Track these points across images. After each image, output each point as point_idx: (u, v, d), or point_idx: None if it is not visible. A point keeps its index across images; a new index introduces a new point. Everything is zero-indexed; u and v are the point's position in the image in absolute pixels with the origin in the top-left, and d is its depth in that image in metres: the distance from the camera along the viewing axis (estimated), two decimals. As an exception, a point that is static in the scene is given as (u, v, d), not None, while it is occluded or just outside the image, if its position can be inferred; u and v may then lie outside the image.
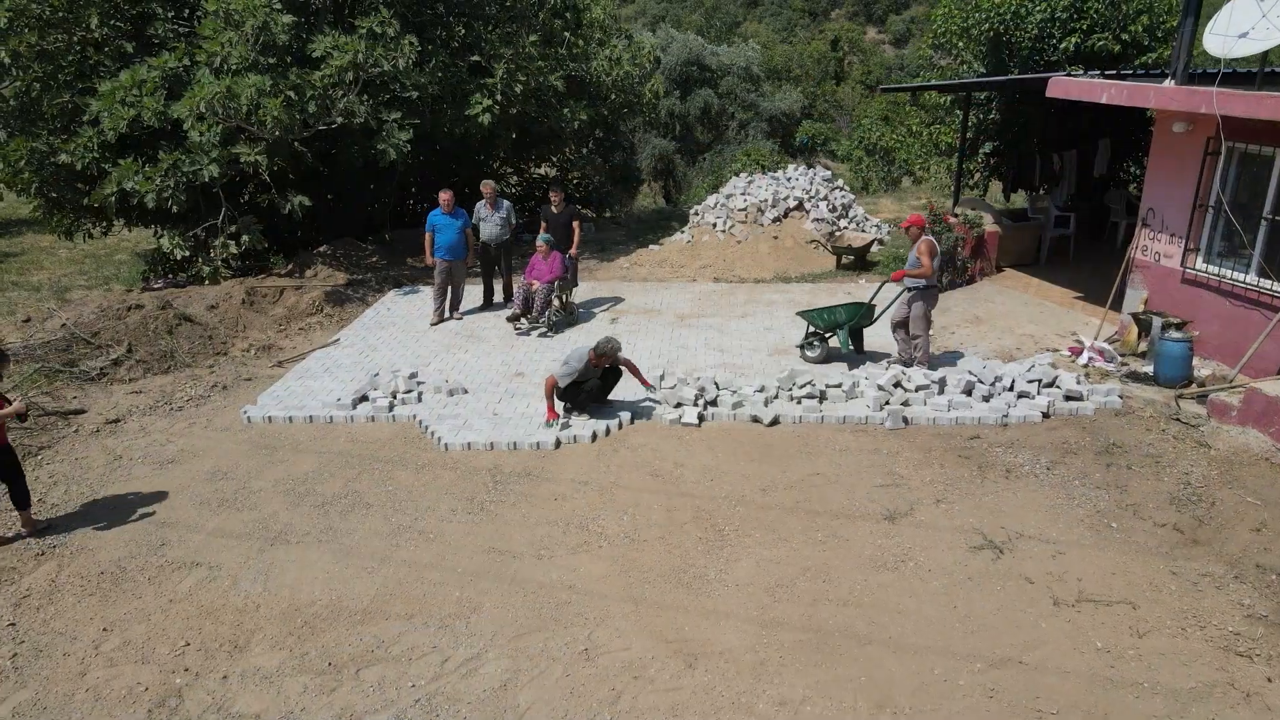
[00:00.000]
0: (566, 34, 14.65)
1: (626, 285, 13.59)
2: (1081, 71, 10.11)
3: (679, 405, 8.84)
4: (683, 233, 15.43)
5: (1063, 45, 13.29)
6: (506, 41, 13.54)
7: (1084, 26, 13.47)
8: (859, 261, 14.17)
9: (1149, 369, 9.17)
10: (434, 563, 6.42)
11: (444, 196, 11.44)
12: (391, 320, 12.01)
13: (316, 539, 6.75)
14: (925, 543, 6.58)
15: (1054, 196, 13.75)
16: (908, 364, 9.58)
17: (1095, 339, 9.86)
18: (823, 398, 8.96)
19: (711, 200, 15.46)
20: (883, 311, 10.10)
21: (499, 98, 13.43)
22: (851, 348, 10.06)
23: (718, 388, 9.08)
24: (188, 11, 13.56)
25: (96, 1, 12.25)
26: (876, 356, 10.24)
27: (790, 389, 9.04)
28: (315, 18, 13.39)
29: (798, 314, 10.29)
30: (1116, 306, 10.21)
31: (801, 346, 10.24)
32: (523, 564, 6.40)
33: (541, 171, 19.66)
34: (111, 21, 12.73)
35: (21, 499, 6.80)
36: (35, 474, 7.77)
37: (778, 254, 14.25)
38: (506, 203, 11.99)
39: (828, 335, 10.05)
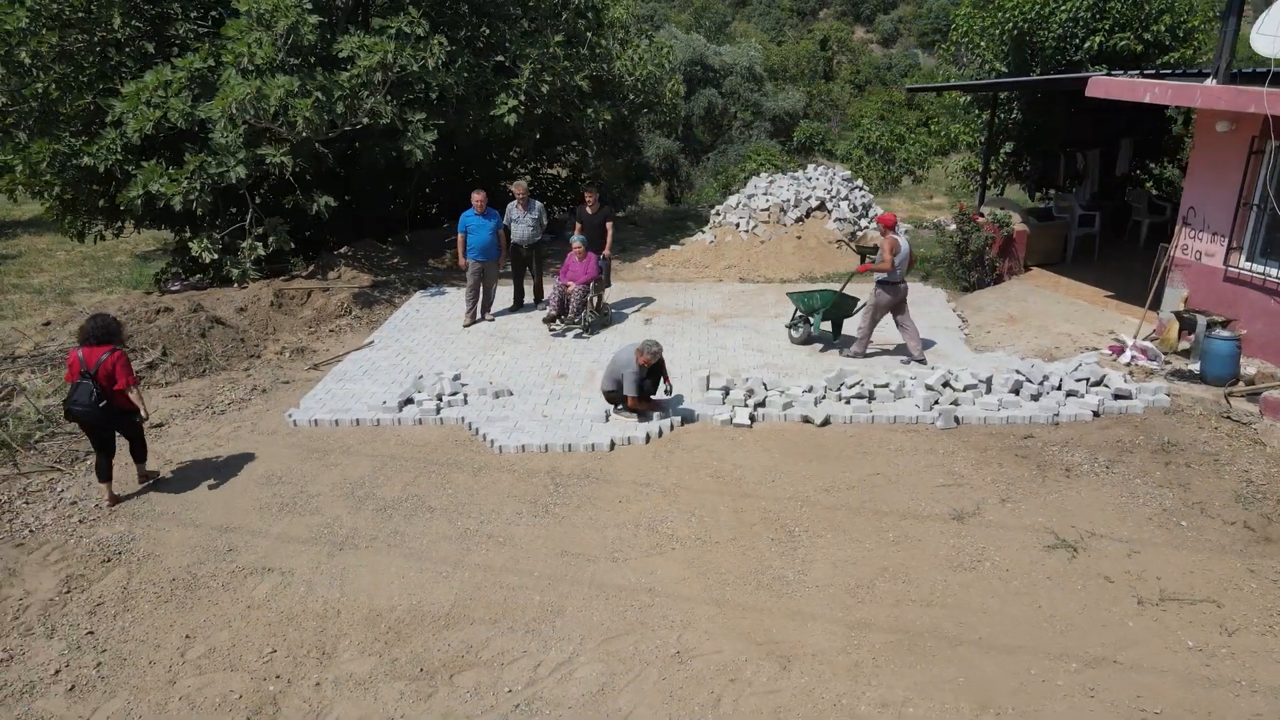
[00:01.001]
0: (589, 34, 14.60)
1: (654, 285, 13.56)
2: (1122, 72, 10.14)
3: (726, 403, 8.84)
4: (704, 233, 15.41)
5: (1086, 45, 13.34)
6: (531, 41, 13.47)
7: (1106, 26, 13.53)
8: (882, 261, 14.20)
9: (1193, 367, 9.21)
10: (509, 567, 6.38)
11: (477, 197, 11.37)
12: (422, 322, 11.94)
13: (385, 543, 6.69)
14: (998, 542, 6.58)
15: (1078, 195, 13.81)
16: (909, 359, 10.09)
17: (1135, 337, 9.90)
18: (871, 397, 8.96)
19: (733, 200, 15.44)
20: (862, 305, 10.54)
21: (522, 98, 13.36)
22: (825, 329, 10.79)
23: (766, 388, 9.06)
24: (202, 10, 13.43)
25: (118, 1, 12.10)
26: (850, 341, 10.65)
27: (838, 389, 9.04)
28: (335, 17, 13.30)
29: (787, 294, 11.09)
30: (1155, 305, 10.25)
31: (789, 327, 10.88)
32: (598, 567, 6.36)
33: (553, 172, 19.57)
34: (132, 22, 12.59)
35: (138, 455, 7.53)
36: (88, 479, 7.67)
37: (802, 254, 14.25)
38: (539, 203, 11.94)
39: (810, 318, 10.60)
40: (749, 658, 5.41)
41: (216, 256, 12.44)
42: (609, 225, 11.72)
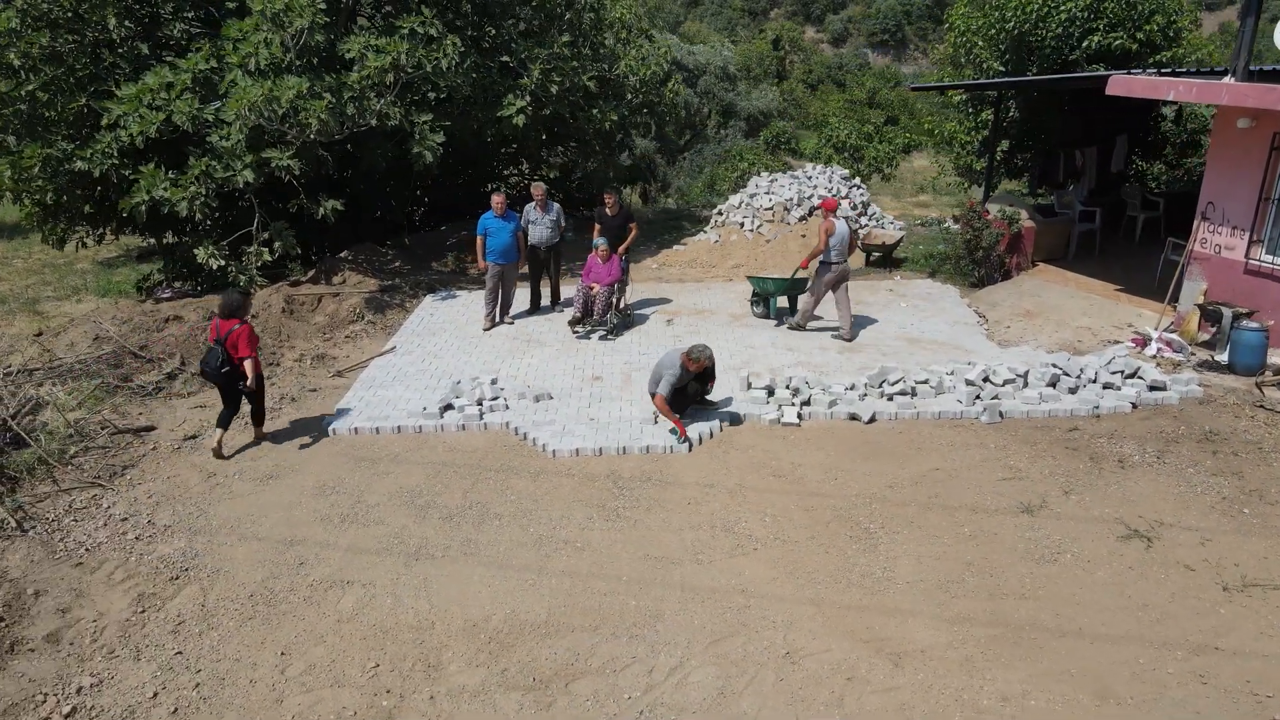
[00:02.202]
0: (593, 33, 14.53)
1: (666, 286, 13.54)
2: (1139, 71, 10.34)
3: (771, 402, 8.86)
4: (707, 232, 15.43)
5: (1085, 44, 13.62)
6: (539, 42, 13.36)
7: (1100, 26, 13.83)
8: (886, 258, 14.36)
9: (1220, 358, 9.44)
10: (594, 572, 6.30)
11: (497, 200, 11.22)
12: (439, 325, 11.77)
13: (460, 552, 6.57)
14: (1072, 534, 6.67)
15: (1076, 192, 14.08)
16: (838, 333, 11.00)
17: (1157, 329, 10.12)
18: (913, 393, 9.03)
19: (735, 199, 15.49)
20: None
21: (528, 98, 13.23)
22: (783, 306, 11.88)
23: (809, 387, 9.09)
24: (195, 10, 13.08)
25: (110, 1, 11.72)
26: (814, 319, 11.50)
27: (880, 386, 9.10)
28: (338, 18, 13.04)
29: (746, 277, 12.23)
30: (1174, 298, 10.48)
31: (752, 304, 11.94)
32: (685, 570, 6.32)
33: (541, 172, 19.41)
34: (126, 22, 12.20)
35: (255, 417, 8.42)
36: (133, 494, 7.44)
37: (808, 252, 14.29)
38: (557, 205, 11.84)
39: (767, 299, 11.68)
40: (860, 656, 5.41)
41: (223, 262, 12.12)
42: (632, 227, 11.67)
